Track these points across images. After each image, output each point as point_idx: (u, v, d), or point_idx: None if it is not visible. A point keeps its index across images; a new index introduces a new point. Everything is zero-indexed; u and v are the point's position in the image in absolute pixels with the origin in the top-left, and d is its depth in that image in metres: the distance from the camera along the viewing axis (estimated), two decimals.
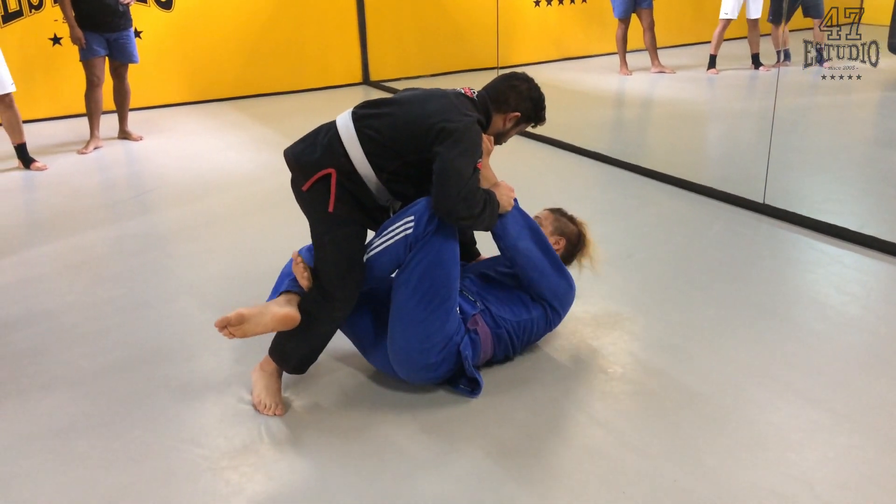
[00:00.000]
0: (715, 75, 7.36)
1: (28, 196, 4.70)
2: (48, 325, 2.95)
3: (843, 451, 2.09)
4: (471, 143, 2.29)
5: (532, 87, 2.53)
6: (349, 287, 2.30)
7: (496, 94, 2.48)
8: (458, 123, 2.28)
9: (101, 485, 2.04)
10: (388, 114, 2.34)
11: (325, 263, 2.32)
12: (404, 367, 2.35)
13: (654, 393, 2.39)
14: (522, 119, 2.53)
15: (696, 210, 4.00)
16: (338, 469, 2.09)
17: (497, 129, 2.52)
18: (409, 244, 2.27)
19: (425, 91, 2.44)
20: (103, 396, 2.46)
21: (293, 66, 7.34)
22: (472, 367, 2.36)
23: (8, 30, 6.11)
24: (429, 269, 2.26)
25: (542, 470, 2.06)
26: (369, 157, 2.29)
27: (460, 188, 2.22)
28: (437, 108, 2.31)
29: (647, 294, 3.08)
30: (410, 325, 2.28)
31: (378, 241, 2.33)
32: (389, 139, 2.30)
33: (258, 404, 2.34)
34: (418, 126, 2.28)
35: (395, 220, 2.32)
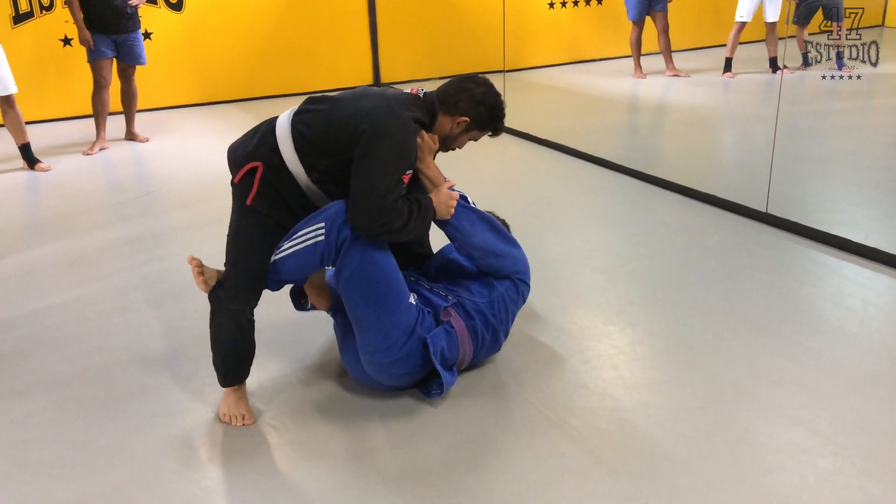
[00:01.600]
0: (730, 79, 7.23)
1: (30, 197, 4.72)
2: (31, 327, 2.94)
3: (824, 475, 2.00)
4: (397, 147, 2.18)
5: (488, 92, 2.39)
6: (239, 277, 2.23)
7: (446, 95, 2.36)
8: (385, 125, 2.17)
9: (60, 495, 2.01)
10: (322, 110, 2.26)
11: (227, 251, 2.28)
12: (375, 369, 2.29)
13: (633, 410, 2.31)
14: (473, 125, 2.39)
15: (696, 218, 3.90)
16: (301, 482, 2.04)
17: (444, 132, 2.39)
18: (319, 254, 2.20)
19: (364, 89, 2.36)
20: (74, 403, 2.43)
21: (303, 67, 7.33)
22: (441, 364, 2.27)
23: (19, 31, 6.16)
24: (360, 271, 2.20)
25: (510, 489, 1.99)
26: (300, 154, 2.22)
27: (372, 204, 2.13)
28: (367, 107, 2.20)
29: (638, 306, 3.00)
30: (366, 330, 2.23)
31: (287, 244, 2.24)
32: (319, 136, 2.22)
33: (223, 417, 2.31)
34: (345, 124, 2.19)
35: (306, 224, 2.23)
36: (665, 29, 7.29)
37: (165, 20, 6.68)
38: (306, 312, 2.64)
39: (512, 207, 2.94)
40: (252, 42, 7.06)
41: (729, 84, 7.18)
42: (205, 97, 7.00)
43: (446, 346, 2.29)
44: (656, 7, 7.28)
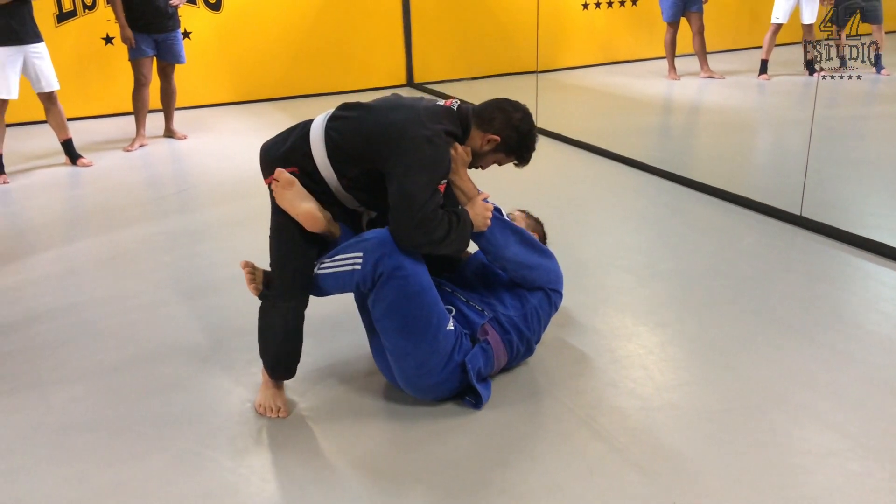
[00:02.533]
0: (766, 81, 7.16)
1: (72, 192, 4.84)
2: (72, 319, 3.02)
3: (854, 478, 2.00)
4: (428, 160, 2.18)
5: (525, 119, 2.38)
6: (286, 277, 2.28)
7: (482, 111, 2.36)
8: (416, 137, 2.17)
9: (99, 480, 2.08)
10: (355, 118, 2.28)
11: (271, 254, 2.33)
12: (410, 388, 2.33)
13: (662, 410, 2.32)
14: (502, 146, 2.37)
15: (729, 220, 3.89)
16: (332, 474, 2.09)
17: (473, 147, 2.37)
18: (354, 281, 2.21)
19: (397, 99, 2.37)
20: (114, 392, 2.51)
21: (337, 67, 7.41)
22: (477, 379, 2.31)
23: (62, 29, 6.31)
24: (397, 306, 2.20)
25: (538, 485, 2.02)
26: (331, 161, 2.25)
27: (413, 214, 2.14)
28: (399, 119, 2.22)
29: (668, 307, 3.00)
30: (402, 357, 2.25)
31: (328, 263, 2.27)
32: (349, 144, 2.24)
33: (258, 407, 2.35)
34: (376, 135, 2.21)
35: (346, 249, 2.25)
36: (700, 30, 7.25)
37: (204, 20, 6.80)
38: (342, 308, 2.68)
39: (543, 208, 2.97)
40: (288, 42, 7.16)
41: (765, 86, 7.11)
42: (241, 96, 7.11)
43: (483, 364, 2.33)
44: (692, 8, 7.25)
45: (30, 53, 4.81)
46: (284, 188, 2.25)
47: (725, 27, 8.11)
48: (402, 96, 2.42)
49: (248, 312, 2.99)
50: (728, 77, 7.35)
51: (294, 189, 2.25)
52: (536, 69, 6.20)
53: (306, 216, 2.25)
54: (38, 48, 4.85)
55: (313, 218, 2.25)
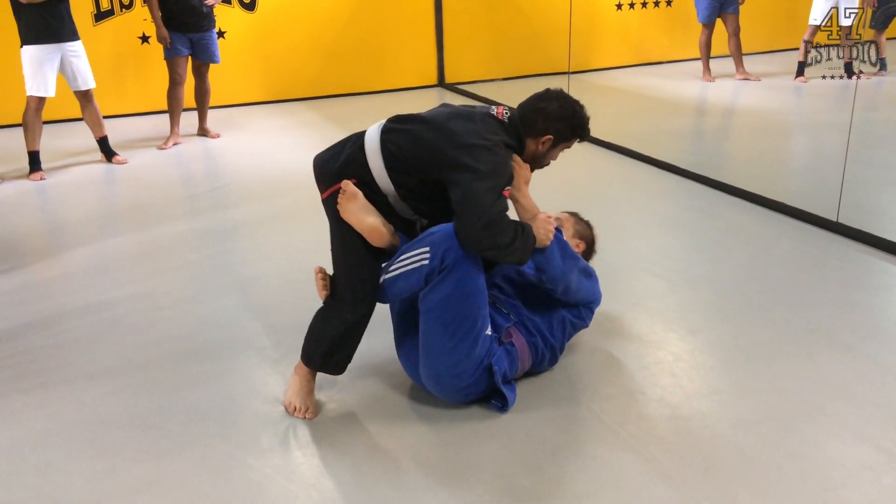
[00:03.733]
0: (803, 83, 7.04)
1: (107, 188, 4.91)
2: (104, 314, 3.06)
3: (889, 493, 1.95)
4: (492, 167, 2.20)
5: (563, 105, 2.37)
6: (355, 288, 2.28)
7: (524, 119, 2.37)
8: (478, 145, 2.20)
9: (128, 476, 2.10)
10: (411, 130, 2.29)
11: (336, 265, 2.33)
12: (437, 389, 2.33)
13: (692, 419, 2.29)
14: (558, 140, 2.39)
15: (763, 225, 3.83)
16: (357, 476, 2.09)
17: (532, 153, 2.40)
18: (423, 276, 2.21)
19: (452, 110, 2.38)
20: (145, 388, 2.53)
21: (369, 67, 7.43)
22: (503, 382, 2.31)
23: (100, 28, 6.41)
24: (452, 300, 2.21)
25: (563, 492, 2.00)
26: (389, 172, 2.27)
27: (480, 215, 2.13)
28: (459, 130, 2.24)
29: (699, 313, 2.96)
30: (439, 355, 2.24)
31: (394, 266, 2.28)
32: (409, 155, 2.26)
33: (288, 406, 2.36)
34: (437, 145, 2.23)
35: (412, 247, 2.25)
36: (736, 31, 7.15)
37: (239, 20, 6.86)
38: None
39: (574, 210, 2.94)
40: (320, 42, 7.19)
41: (802, 89, 6.99)
42: (274, 95, 7.16)
43: (508, 366, 2.33)
44: (728, 9, 7.15)
45: (67, 52, 4.89)
46: (350, 200, 2.26)
47: (764, 28, 7.99)
48: (454, 105, 2.42)
49: (278, 310, 3.03)
50: (764, 79, 7.24)
51: (358, 202, 2.26)
52: (568, 70, 6.16)
53: (371, 231, 2.26)
54: (75, 46, 4.93)
55: (378, 232, 2.27)
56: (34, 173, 4.95)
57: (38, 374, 2.63)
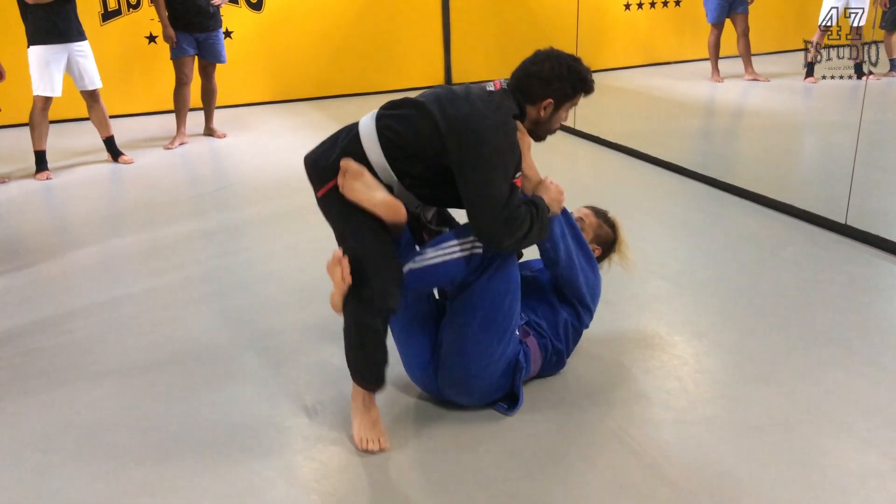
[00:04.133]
0: (812, 84, 6.99)
1: (113, 188, 4.91)
2: (108, 315, 3.06)
3: (894, 500, 1.93)
4: (499, 152, 2.08)
5: (556, 63, 2.21)
6: (385, 276, 2.12)
7: (520, 87, 2.23)
8: (482, 133, 2.07)
9: (128, 479, 2.09)
10: (407, 115, 2.16)
11: (354, 259, 2.15)
12: (460, 391, 2.28)
13: (696, 423, 2.26)
14: (560, 102, 2.24)
15: (771, 228, 3.80)
16: (356, 482, 2.07)
17: (536, 121, 2.26)
18: (475, 265, 2.14)
19: (448, 91, 2.22)
20: (147, 390, 2.52)
21: (376, 67, 7.42)
22: (519, 384, 2.29)
23: (107, 28, 6.42)
24: (497, 296, 2.16)
25: (565, 499, 1.98)
26: (390, 161, 2.14)
27: (496, 216, 2.05)
28: (460, 115, 2.10)
29: (705, 316, 2.94)
30: (472, 354, 2.20)
31: (433, 254, 2.17)
32: (409, 142, 2.14)
33: (360, 442, 2.17)
34: (438, 132, 2.10)
35: (455, 235, 2.18)
36: (745, 32, 7.11)
37: (246, 20, 6.86)
38: None
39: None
40: (327, 42, 7.19)
41: (811, 90, 6.94)
42: (281, 95, 7.16)
43: (525, 367, 2.31)
44: (737, 9, 7.11)
45: (74, 52, 4.89)
46: (355, 178, 2.12)
47: (771, 28, 7.94)
48: (448, 87, 2.28)
49: (283, 311, 3.02)
50: (773, 80, 7.19)
51: (365, 178, 2.12)
52: None
53: (385, 205, 2.12)
54: (81, 46, 4.94)
55: (393, 205, 2.13)
56: (40, 173, 4.96)
57: (41, 375, 2.63)
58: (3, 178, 4.90)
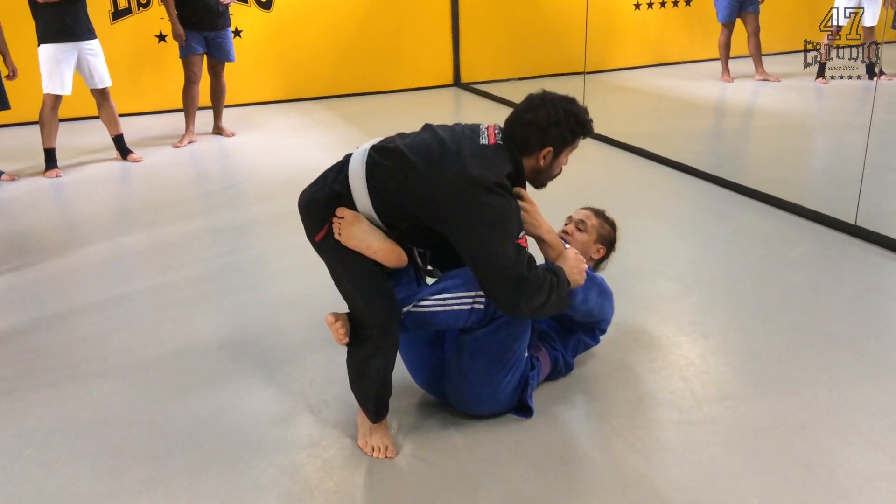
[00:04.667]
0: (823, 84, 6.94)
1: (121, 186, 4.93)
2: (114, 311, 3.06)
3: None
4: (493, 215, 1.97)
5: (551, 110, 2.10)
6: (379, 316, 2.06)
7: (514, 137, 2.12)
8: (474, 194, 1.97)
9: (131, 475, 2.09)
10: (396, 170, 2.05)
11: (351, 300, 2.13)
12: (471, 406, 2.27)
13: (702, 424, 2.25)
14: (559, 148, 2.15)
15: (780, 228, 3.77)
16: (360, 480, 2.07)
17: (535, 171, 2.17)
18: (474, 319, 2.10)
19: (438, 140, 2.09)
20: (153, 387, 2.53)
21: (385, 67, 7.42)
22: (530, 396, 2.29)
23: (117, 26, 6.44)
24: (504, 345, 2.15)
25: (570, 498, 1.97)
26: (379, 214, 2.07)
27: (506, 276, 1.95)
28: (449, 176, 1.99)
29: (712, 316, 2.92)
30: (480, 383, 2.19)
31: (436, 300, 2.12)
32: (397, 199, 2.06)
33: (365, 447, 2.17)
34: (428, 194, 2.02)
35: (458, 286, 2.11)
36: (756, 31, 7.07)
37: (255, 19, 6.87)
38: None
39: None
40: (336, 41, 7.19)
41: (822, 90, 6.89)
42: (289, 94, 7.16)
43: (534, 380, 2.31)
44: (748, 9, 7.07)
45: (84, 50, 4.91)
46: (352, 224, 2.05)
47: (782, 28, 7.89)
48: (439, 133, 2.13)
49: (287, 310, 3.02)
50: (784, 80, 7.14)
51: (362, 224, 2.05)
52: (584, 70, 6.11)
53: (385, 252, 2.07)
54: (92, 45, 4.95)
55: (393, 252, 2.09)
56: (50, 170, 4.98)
57: (46, 372, 2.63)
58: (13, 176, 4.93)
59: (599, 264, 2.65)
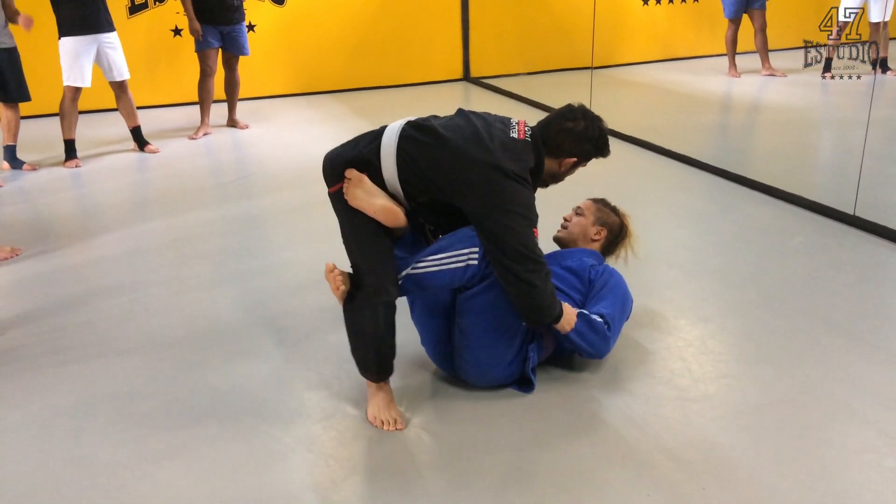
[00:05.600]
0: (830, 80, 7.00)
1: (139, 176, 5.05)
2: (134, 295, 3.19)
3: (890, 474, 2.00)
4: (516, 202, 2.15)
5: (590, 125, 2.32)
6: (378, 273, 2.21)
7: (548, 139, 2.30)
8: (501, 179, 2.13)
9: (155, 444, 2.21)
10: (428, 144, 2.20)
11: (353, 256, 2.28)
12: (475, 377, 2.39)
13: (698, 401, 2.35)
14: (581, 161, 2.38)
15: (780, 218, 3.86)
16: (371, 450, 2.18)
17: (551, 172, 2.36)
18: (468, 276, 2.22)
19: (472, 127, 2.23)
20: (173, 364, 2.65)
21: (396, 61, 7.53)
22: (531, 369, 2.39)
23: (134, 21, 6.57)
24: (497, 306, 2.26)
25: (572, 467, 2.08)
26: (403, 184, 2.22)
27: (520, 259, 2.11)
28: (478, 160, 2.15)
29: (711, 302, 3.02)
30: (481, 349, 2.31)
31: (433, 260, 2.25)
32: (423, 172, 2.20)
33: (374, 421, 2.27)
34: (452, 171, 2.16)
35: (454, 245, 2.24)
36: (762, 27, 7.13)
37: (268, 13, 6.99)
38: None
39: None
40: (348, 36, 7.30)
41: (828, 85, 6.95)
42: (302, 88, 7.28)
43: (537, 355, 2.40)
44: (754, 5, 7.14)
45: (103, 43, 5.04)
46: (356, 186, 2.22)
47: (790, 24, 7.94)
48: (474, 121, 2.28)
49: (301, 293, 3.14)
50: (791, 75, 7.20)
51: (365, 185, 2.22)
52: (592, 65, 6.20)
53: (384, 211, 2.22)
54: (110, 38, 5.08)
55: (391, 212, 2.23)
56: (70, 161, 5.12)
57: (73, 350, 2.76)
58: (34, 166, 5.06)
59: (610, 250, 2.75)
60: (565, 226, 2.74)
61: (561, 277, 2.51)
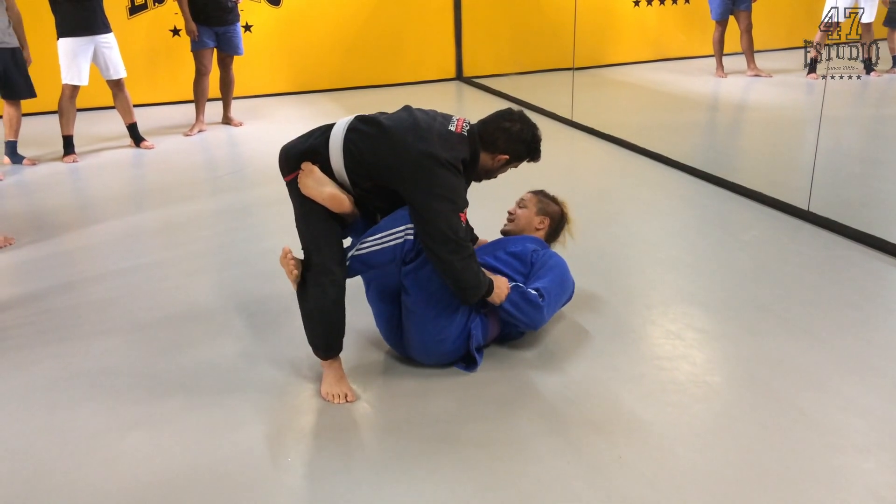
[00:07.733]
0: (815, 80, 7.12)
1: (134, 171, 5.26)
2: (119, 281, 3.39)
3: (802, 450, 2.17)
4: (445, 187, 2.35)
5: (525, 128, 2.55)
6: (324, 254, 2.41)
7: (485, 135, 2.52)
8: (433, 166, 2.33)
9: (127, 414, 2.40)
10: (372, 136, 2.42)
11: (304, 240, 2.48)
12: (421, 354, 2.57)
13: (631, 380, 2.52)
14: (513, 159, 2.58)
15: (739, 213, 4.02)
16: (323, 419, 2.37)
17: (484, 167, 2.57)
18: (404, 251, 2.42)
19: (411, 120, 2.45)
20: (148, 344, 2.84)
21: (390, 61, 7.72)
22: (475, 347, 2.55)
23: (134, 21, 6.79)
24: (434, 275, 2.43)
25: (502, 437, 2.24)
26: (348, 172, 2.43)
27: (446, 233, 2.30)
28: (415, 146, 2.35)
29: (659, 290, 3.18)
30: (424, 324, 2.49)
31: (372, 240, 2.45)
32: (366, 160, 2.41)
33: (326, 396, 2.45)
34: (393, 158, 2.37)
35: (391, 224, 2.44)
36: (748, 28, 7.27)
37: (264, 14, 7.19)
38: None
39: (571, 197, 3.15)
40: (342, 36, 7.50)
41: (812, 86, 7.07)
42: (297, 87, 7.49)
43: (481, 334, 2.58)
44: (740, 7, 7.28)
45: (100, 43, 5.25)
46: (307, 176, 2.43)
47: (777, 25, 8.07)
48: (416, 114, 2.50)
49: (275, 281, 3.32)
50: (777, 76, 7.33)
51: (315, 175, 2.43)
52: (573, 66, 6.36)
53: (332, 198, 2.42)
54: (107, 38, 5.30)
55: (338, 198, 2.43)
56: (68, 156, 5.34)
57: (57, 330, 2.96)
58: (34, 161, 5.28)
59: (554, 237, 2.92)
60: (511, 219, 2.92)
61: (505, 262, 2.70)
